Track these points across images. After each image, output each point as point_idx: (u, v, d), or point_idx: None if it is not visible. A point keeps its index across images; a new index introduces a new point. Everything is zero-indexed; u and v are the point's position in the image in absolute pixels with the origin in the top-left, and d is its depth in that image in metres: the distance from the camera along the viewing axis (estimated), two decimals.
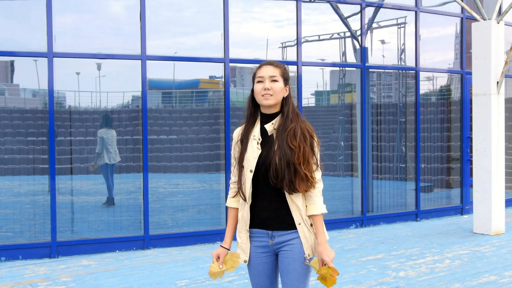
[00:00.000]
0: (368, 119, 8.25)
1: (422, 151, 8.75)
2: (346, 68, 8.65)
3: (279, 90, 2.68)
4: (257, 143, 2.70)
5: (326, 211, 2.71)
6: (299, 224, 2.66)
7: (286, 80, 2.73)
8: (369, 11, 8.29)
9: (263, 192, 2.68)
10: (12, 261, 6.08)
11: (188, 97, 8.54)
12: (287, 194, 2.64)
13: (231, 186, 2.83)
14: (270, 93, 2.67)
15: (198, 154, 7.93)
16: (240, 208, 2.76)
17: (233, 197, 2.82)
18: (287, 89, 2.74)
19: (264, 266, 2.75)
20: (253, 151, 2.69)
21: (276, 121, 2.71)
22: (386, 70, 9.00)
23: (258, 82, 2.70)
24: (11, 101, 7.32)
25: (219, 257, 2.76)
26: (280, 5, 7.85)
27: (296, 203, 2.65)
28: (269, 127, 2.71)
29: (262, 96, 2.68)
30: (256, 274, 2.77)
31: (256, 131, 2.73)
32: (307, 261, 2.64)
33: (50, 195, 6.32)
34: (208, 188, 8.26)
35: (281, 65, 2.74)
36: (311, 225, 2.68)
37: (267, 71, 2.69)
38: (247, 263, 2.77)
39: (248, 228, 2.73)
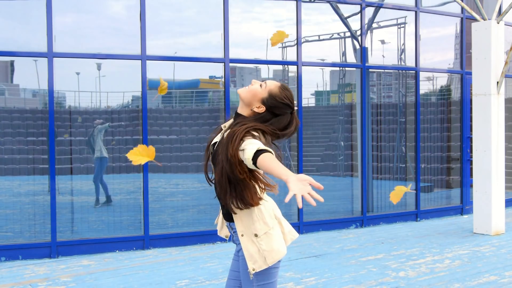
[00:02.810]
0: (368, 119, 8.25)
1: (422, 151, 8.75)
2: (346, 68, 8.66)
3: (255, 90, 2.60)
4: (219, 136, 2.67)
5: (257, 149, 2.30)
6: (242, 235, 2.58)
7: (269, 100, 2.57)
8: (369, 11, 8.29)
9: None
10: (12, 261, 6.08)
11: (188, 97, 8.55)
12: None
13: None
14: (247, 87, 2.64)
15: (198, 154, 7.93)
16: None
17: None
18: (261, 109, 2.59)
19: (233, 269, 2.81)
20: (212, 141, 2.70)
21: (230, 122, 2.67)
22: (386, 70, 9.00)
23: None
24: (11, 101, 7.33)
25: None
26: (280, 5, 7.85)
27: (253, 212, 2.58)
28: (225, 125, 2.69)
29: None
30: (228, 276, 2.84)
31: (227, 124, 2.70)
32: (251, 275, 2.59)
33: (50, 195, 6.32)
34: (208, 188, 8.25)
35: (280, 91, 2.60)
36: (256, 235, 2.55)
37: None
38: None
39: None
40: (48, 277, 5.44)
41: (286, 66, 8.33)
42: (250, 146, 2.31)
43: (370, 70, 8.35)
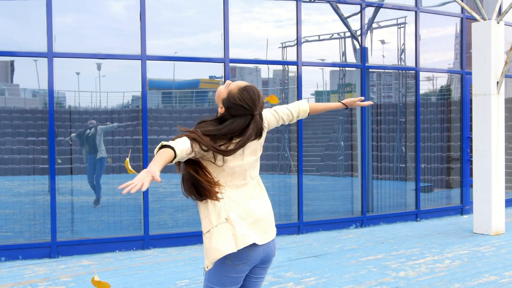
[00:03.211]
0: (368, 119, 8.25)
1: (422, 151, 8.75)
2: (346, 68, 8.65)
3: (219, 91, 2.65)
4: None
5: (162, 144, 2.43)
6: (205, 233, 2.64)
7: (226, 100, 2.60)
8: (369, 11, 8.29)
9: None
10: (12, 261, 6.08)
11: (188, 97, 8.54)
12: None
13: None
14: None
15: None
16: None
17: None
18: (222, 109, 2.62)
19: None
20: None
21: None
22: (386, 70, 9.00)
23: None
24: (11, 101, 7.32)
25: None
26: (280, 5, 7.85)
27: (201, 210, 2.64)
28: None
29: None
30: None
31: None
32: (205, 271, 2.65)
33: (50, 195, 6.32)
34: None
35: (238, 92, 2.59)
36: (203, 233, 2.62)
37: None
38: None
39: None
40: (48, 277, 5.44)
41: (286, 66, 8.33)
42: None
43: (370, 70, 8.35)
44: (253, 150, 2.70)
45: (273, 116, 2.90)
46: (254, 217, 2.63)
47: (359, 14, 8.10)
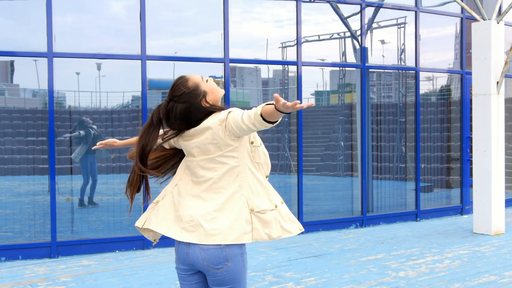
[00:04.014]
0: (368, 119, 8.25)
1: (422, 151, 8.75)
2: (346, 68, 8.66)
3: None
4: None
5: None
6: None
7: None
8: (369, 11, 8.29)
9: None
10: (12, 261, 6.08)
11: None
12: None
13: None
14: None
15: None
16: None
17: None
18: None
19: None
20: None
21: None
22: (386, 70, 9.00)
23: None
24: (11, 101, 7.32)
25: None
26: (280, 5, 7.85)
27: None
28: None
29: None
30: None
31: None
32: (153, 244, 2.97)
33: (50, 195, 6.32)
34: None
35: None
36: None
37: None
38: None
39: None
40: (48, 277, 5.44)
41: (286, 66, 8.33)
42: None
43: (370, 70, 8.36)
44: (203, 150, 2.53)
45: (239, 114, 2.40)
46: (178, 212, 2.68)
47: (359, 14, 8.10)
